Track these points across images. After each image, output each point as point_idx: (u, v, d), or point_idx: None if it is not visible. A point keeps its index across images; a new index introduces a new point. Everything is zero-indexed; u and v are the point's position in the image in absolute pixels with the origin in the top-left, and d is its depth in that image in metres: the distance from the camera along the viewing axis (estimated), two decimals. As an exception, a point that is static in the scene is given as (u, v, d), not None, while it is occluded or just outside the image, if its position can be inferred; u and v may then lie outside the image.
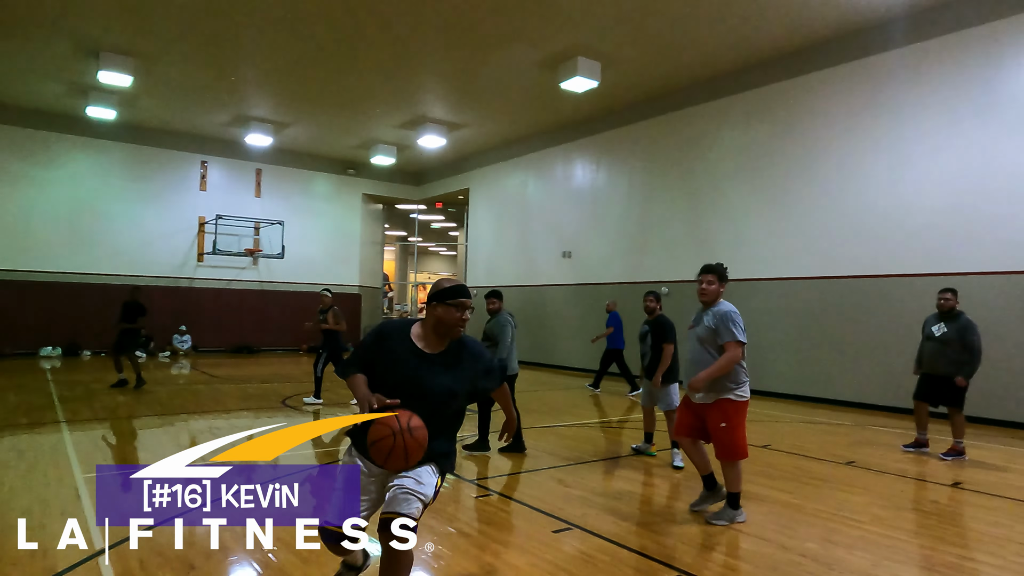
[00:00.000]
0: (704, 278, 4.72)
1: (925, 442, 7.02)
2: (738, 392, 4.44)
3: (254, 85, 14.36)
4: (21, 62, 13.08)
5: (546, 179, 17.22)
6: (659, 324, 6.50)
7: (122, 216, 17.47)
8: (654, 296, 6.79)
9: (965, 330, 6.65)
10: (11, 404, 8.89)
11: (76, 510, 4.37)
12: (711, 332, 4.50)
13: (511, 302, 18.25)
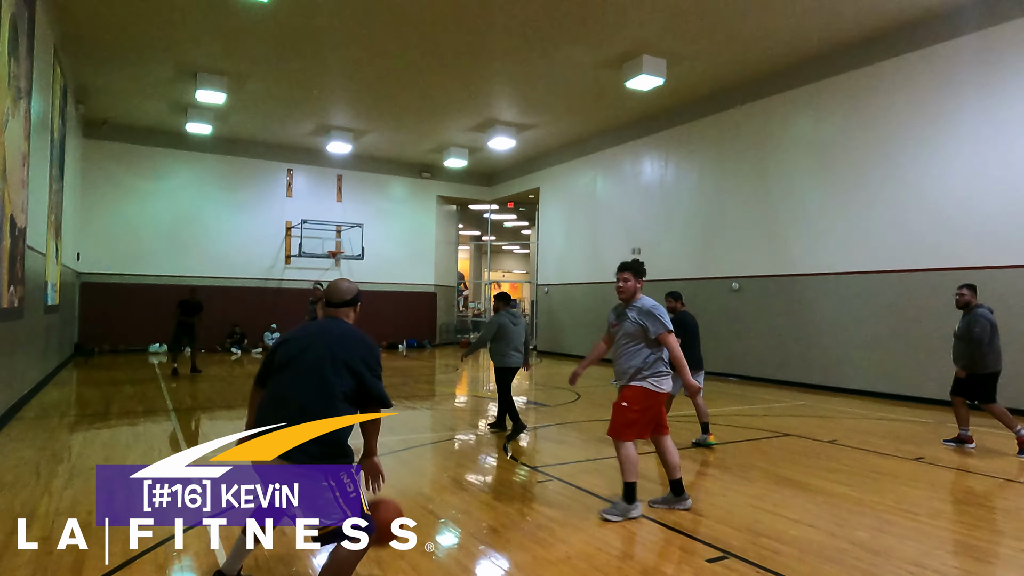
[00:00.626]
0: (620, 276, 4.80)
1: (967, 438, 6.93)
2: (654, 381, 4.55)
3: (334, 97, 15.22)
4: (131, 85, 14.41)
5: (615, 176, 17.33)
6: (681, 320, 6.99)
7: (217, 223, 18.85)
8: (673, 295, 7.36)
9: (971, 323, 6.68)
10: (128, 394, 9.92)
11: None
12: (639, 327, 4.59)
13: (582, 298, 18.54)
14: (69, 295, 15.30)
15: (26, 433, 6.88)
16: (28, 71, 8.56)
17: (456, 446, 6.74)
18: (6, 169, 7.30)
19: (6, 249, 7.46)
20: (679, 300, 7.36)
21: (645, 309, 4.62)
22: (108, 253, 17.54)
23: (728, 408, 9.61)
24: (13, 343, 8.04)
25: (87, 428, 7.27)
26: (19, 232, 8.23)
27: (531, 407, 9.40)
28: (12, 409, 7.94)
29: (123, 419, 7.86)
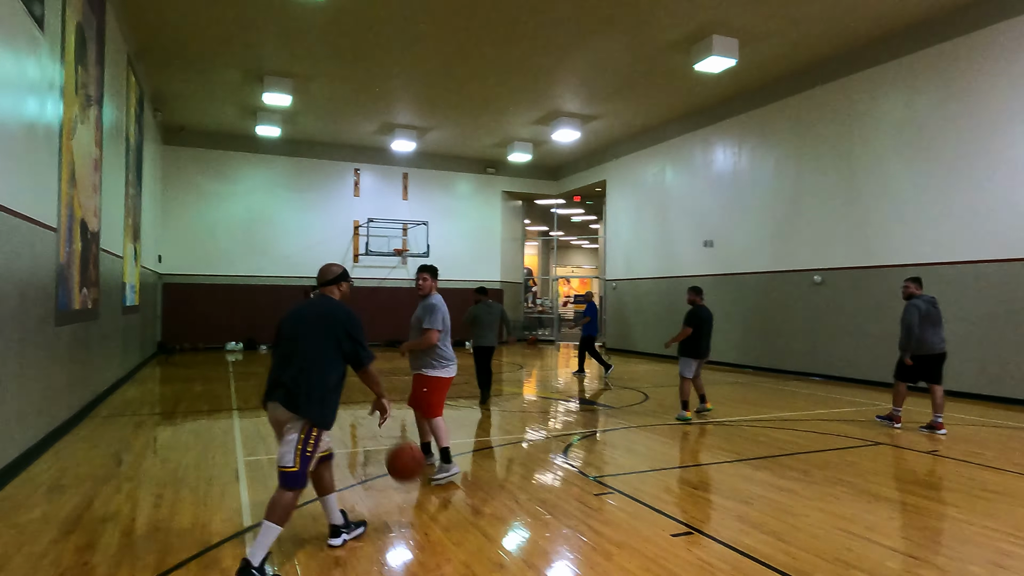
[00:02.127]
0: (421, 276, 5.52)
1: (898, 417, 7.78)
2: (435, 371, 5.32)
3: (397, 95, 15.18)
4: (203, 90, 14.84)
5: (685, 166, 16.56)
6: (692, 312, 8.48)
7: (288, 223, 19.27)
8: (694, 290, 8.74)
9: (903, 312, 7.55)
10: (197, 393, 10.13)
11: (233, 491, 4.87)
12: (418, 319, 5.36)
13: (651, 294, 17.87)
14: (151, 296, 15.96)
15: (95, 432, 7.04)
16: (98, 79, 8.80)
17: (515, 451, 6.41)
18: (75, 174, 7.49)
19: (77, 252, 7.67)
20: (699, 295, 8.71)
21: (427, 304, 5.37)
22: (187, 255, 18.22)
23: (811, 411, 8.88)
24: (88, 343, 8.30)
25: (153, 426, 7.38)
26: (92, 236, 8.48)
27: (594, 409, 8.96)
28: (88, 407, 8.19)
29: (188, 418, 7.96)
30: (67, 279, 7.15)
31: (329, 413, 3.61)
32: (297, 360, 3.56)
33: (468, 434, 7.11)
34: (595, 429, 7.46)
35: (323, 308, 3.75)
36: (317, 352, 3.59)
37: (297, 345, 3.60)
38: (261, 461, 5.78)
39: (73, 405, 7.49)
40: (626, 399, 9.81)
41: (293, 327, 3.69)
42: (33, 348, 5.90)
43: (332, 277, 3.91)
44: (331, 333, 3.65)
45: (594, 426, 7.68)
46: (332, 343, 3.64)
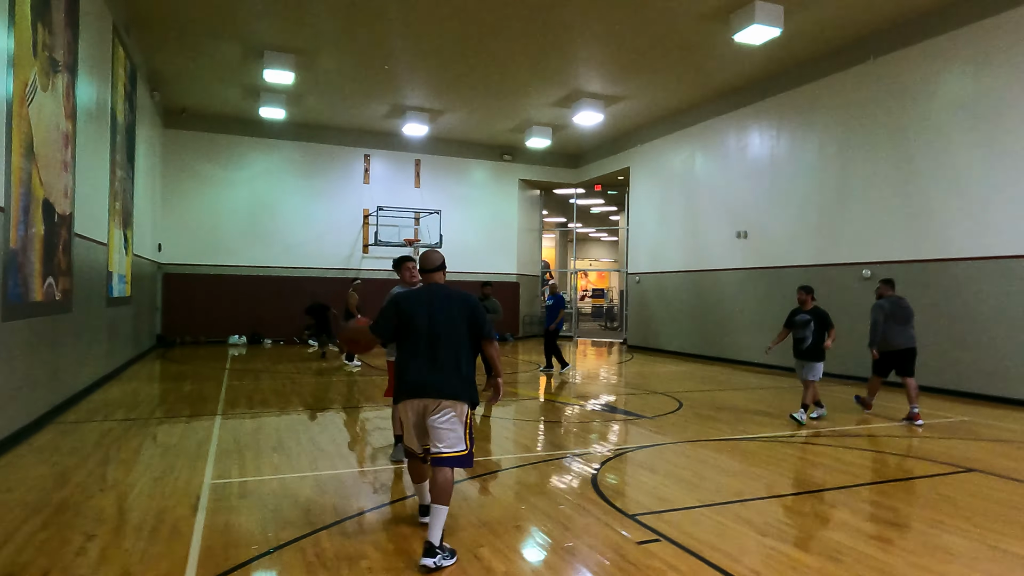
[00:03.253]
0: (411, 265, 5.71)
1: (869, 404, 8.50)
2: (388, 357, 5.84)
3: (408, 73, 14.15)
4: (203, 69, 13.92)
5: (716, 152, 15.39)
6: (821, 314, 7.88)
7: (294, 211, 18.37)
8: (805, 290, 8.06)
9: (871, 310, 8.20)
10: (183, 393, 9.23)
11: (184, 531, 3.91)
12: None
13: (677, 288, 16.74)
14: (148, 287, 15.13)
15: (51, 442, 6.13)
16: (70, 43, 7.87)
17: (530, 473, 5.40)
18: (34, 147, 6.56)
19: (39, 237, 6.75)
20: (810, 294, 8.04)
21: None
22: (188, 244, 17.39)
23: (875, 425, 7.76)
24: (55, 340, 7.40)
25: (118, 436, 6.46)
26: (60, 219, 7.57)
27: (621, 418, 7.92)
28: (55, 410, 7.30)
29: (162, 425, 7.04)
30: (21, 267, 6.23)
31: (476, 393, 3.77)
32: (443, 349, 3.67)
33: (480, 450, 6.11)
34: (627, 445, 6.42)
35: (450, 294, 3.82)
36: (461, 337, 3.72)
37: (439, 334, 3.68)
38: (231, 486, 4.82)
39: (32, 410, 6.59)
40: (657, 406, 8.76)
41: (429, 317, 3.71)
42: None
43: (441, 262, 4.01)
44: (466, 317, 3.75)
45: (626, 441, 6.64)
46: (467, 326, 3.75)
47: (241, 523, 4.04)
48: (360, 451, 6.13)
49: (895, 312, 8.01)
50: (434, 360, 3.64)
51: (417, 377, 3.64)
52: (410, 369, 3.68)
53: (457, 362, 3.67)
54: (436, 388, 3.60)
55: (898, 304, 8.05)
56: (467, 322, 3.74)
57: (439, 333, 3.67)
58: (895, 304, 8.04)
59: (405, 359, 3.72)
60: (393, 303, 3.80)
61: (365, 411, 8.19)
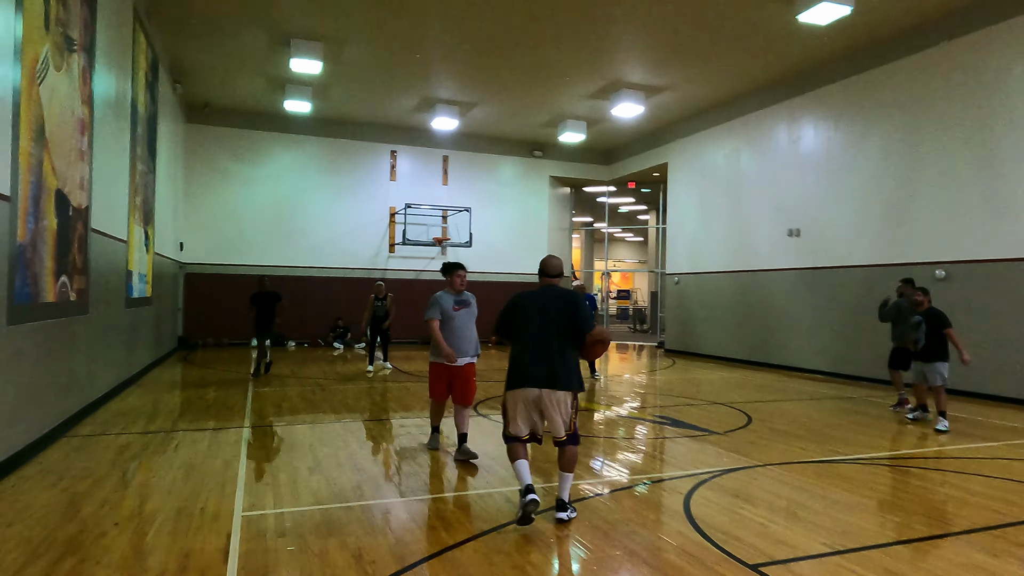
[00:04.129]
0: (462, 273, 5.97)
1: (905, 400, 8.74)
2: (431, 359, 5.97)
3: (440, 63, 13.45)
4: (227, 59, 13.34)
5: (764, 145, 14.51)
6: (936, 314, 7.76)
7: (319, 209, 17.76)
8: (922, 291, 8.03)
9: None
10: (207, 402, 8.57)
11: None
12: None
13: (720, 289, 15.88)
14: (170, 287, 14.57)
15: (62, 461, 5.47)
16: (87, 22, 7.24)
17: (614, 508, 4.63)
18: (46, 131, 5.92)
19: (51, 231, 6.11)
20: (927, 295, 7.98)
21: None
22: (211, 243, 16.85)
23: (970, 443, 6.88)
24: (70, 344, 6.76)
25: (137, 453, 5.79)
26: (76, 212, 6.94)
27: (688, 434, 7.11)
28: (69, 422, 6.66)
29: (186, 440, 6.36)
30: (31, 264, 5.58)
31: (582, 379, 4.30)
32: (554, 345, 4.16)
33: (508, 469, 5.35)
34: (710, 469, 5.63)
35: (562, 294, 4.32)
36: (568, 335, 4.21)
37: (552, 331, 4.17)
38: (266, 521, 4.10)
39: (43, 423, 5.95)
40: (723, 419, 7.94)
41: (544, 316, 4.21)
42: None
43: (561, 270, 4.49)
44: (575, 316, 4.22)
45: (706, 463, 5.84)
46: (574, 325, 4.21)
47: (282, 574, 3.32)
48: (409, 473, 5.40)
49: (896, 311, 8.50)
50: (549, 354, 4.14)
51: (535, 370, 4.14)
52: (527, 362, 4.18)
53: (567, 355, 4.19)
54: (553, 380, 4.11)
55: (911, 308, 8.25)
56: (573, 319, 4.21)
57: (553, 330, 4.19)
58: (909, 306, 8.31)
59: (522, 353, 4.23)
60: (513, 305, 4.37)
61: (403, 421, 7.47)
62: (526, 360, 4.18)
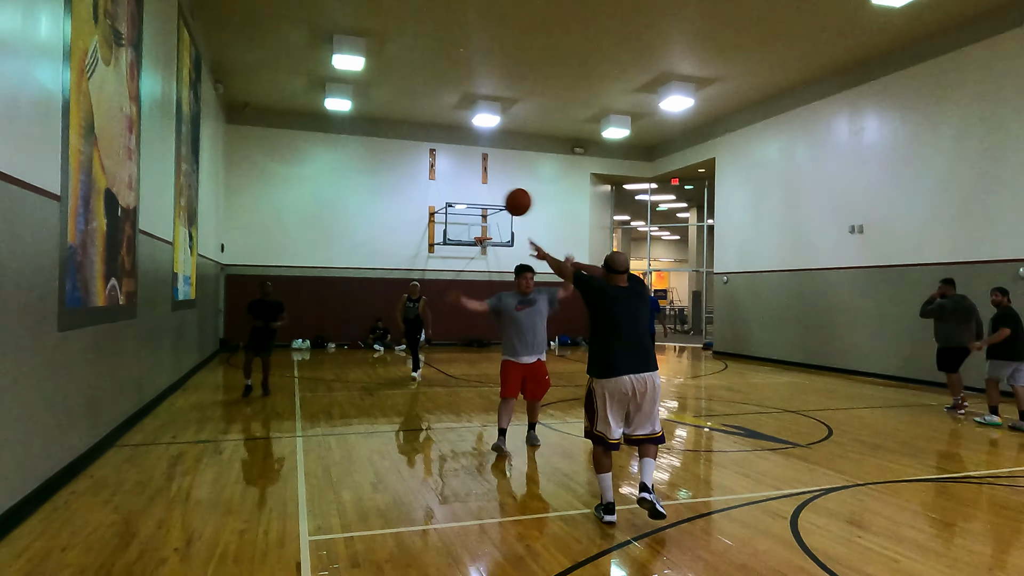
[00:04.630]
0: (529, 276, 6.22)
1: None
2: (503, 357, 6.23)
3: (481, 58, 13.08)
4: (267, 59, 13.17)
5: (822, 137, 13.82)
6: (1008, 314, 7.76)
7: (358, 209, 17.55)
8: (1001, 291, 8.01)
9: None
10: (255, 407, 8.31)
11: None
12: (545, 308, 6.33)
13: (773, 289, 15.23)
14: (212, 289, 14.45)
15: (113, 474, 5.20)
16: (134, 17, 7.01)
17: (714, 537, 4.17)
18: (95, 127, 5.67)
19: (100, 233, 5.86)
20: (1006, 296, 7.98)
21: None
22: (251, 244, 16.74)
23: None
24: (120, 349, 6.53)
25: (190, 466, 5.50)
26: (124, 213, 6.70)
27: (769, 446, 6.59)
28: (120, 429, 6.42)
29: (240, 449, 6.06)
30: (81, 267, 5.33)
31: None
32: (639, 332, 4.29)
33: (568, 489, 4.90)
34: (808, 488, 5.12)
35: (641, 289, 4.46)
36: (648, 323, 4.50)
37: (638, 320, 4.30)
38: (335, 546, 3.74)
39: (94, 431, 5.70)
40: (802, 430, 7.40)
41: (629, 305, 4.30)
42: (19, 364, 4.06)
43: (629, 265, 4.48)
44: (650, 307, 4.86)
45: (799, 482, 5.33)
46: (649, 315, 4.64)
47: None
48: (480, 492, 5.00)
49: (957, 311, 8.41)
50: (636, 344, 4.23)
51: (625, 359, 4.15)
52: (617, 352, 4.19)
53: (650, 345, 4.40)
54: (644, 365, 4.17)
55: (961, 303, 8.43)
56: (649, 312, 4.57)
57: (636, 322, 4.30)
58: (957, 303, 8.43)
59: (610, 344, 4.22)
60: (601, 286, 4.37)
61: (461, 428, 7.09)
62: (619, 349, 4.19)
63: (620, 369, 4.11)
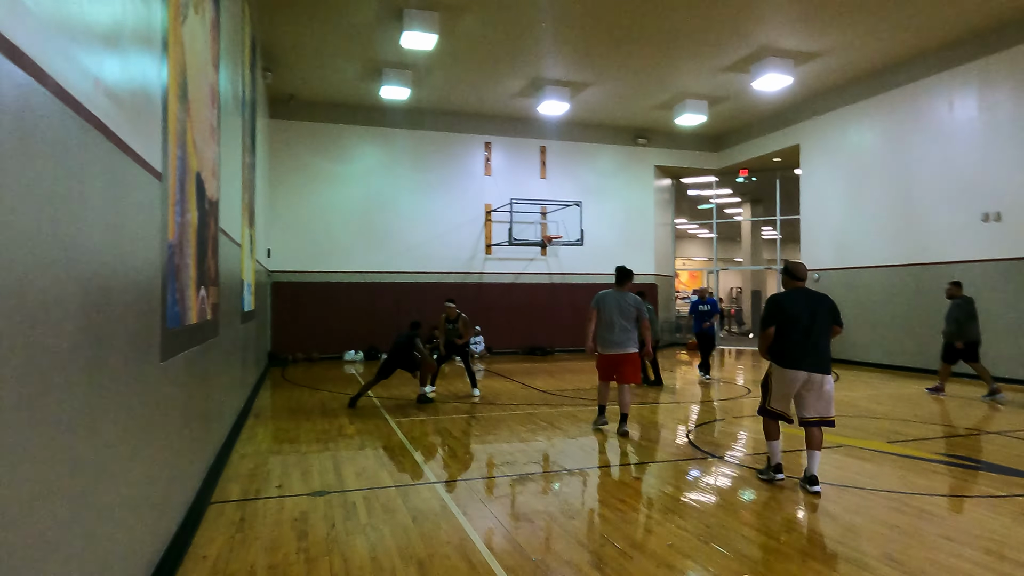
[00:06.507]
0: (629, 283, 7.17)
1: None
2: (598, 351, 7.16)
3: (557, 34, 11.75)
4: (324, 41, 11.95)
5: (941, 116, 12.38)
6: None
7: (410, 209, 16.25)
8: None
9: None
10: (357, 441, 6.93)
11: None
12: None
13: (879, 287, 13.80)
14: (262, 298, 13.17)
15: (226, 550, 3.85)
16: (214, -36, 5.69)
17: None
18: (189, 89, 4.35)
19: (193, 228, 4.54)
20: None
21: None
22: (298, 248, 15.46)
23: None
24: (204, 377, 5.19)
25: (323, 535, 4.14)
26: (210, 206, 5.38)
27: (1017, 484, 5.16)
28: (210, 479, 5.08)
29: (372, 502, 4.70)
30: (179, 272, 4.00)
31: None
32: (815, 335, 4.91)
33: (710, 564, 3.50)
34: None
35: (818, 295, 5.09)
36: (827, 327, 5.00)
37: (815, 324, 4.91)
38: None
39: (190, 483, 4.37)
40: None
41: (810, 311, 4.95)
42: (129, 414, 2.72)
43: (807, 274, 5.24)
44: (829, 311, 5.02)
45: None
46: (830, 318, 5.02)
47: None
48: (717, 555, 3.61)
49: (971, 309, 9.44)
50: (815, 345, 4.91)
51: (805, 359, 4.88)
52: (797, 352, 4.91)
53: (827, 346, 4.98)
54: (819, 365, 4.91)
55: (971, 303, 9.51)
56: (830, 315, 5.01)
57: (815, 324, 4.92)
58: (970, 303, 9.50)
59: (791, 343, 4.93)
60: (777, 304, 5.09)
61: (662, 468, 5.71)
62: (799, 350, 4.90)
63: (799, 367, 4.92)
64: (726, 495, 4.99)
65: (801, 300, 5.01)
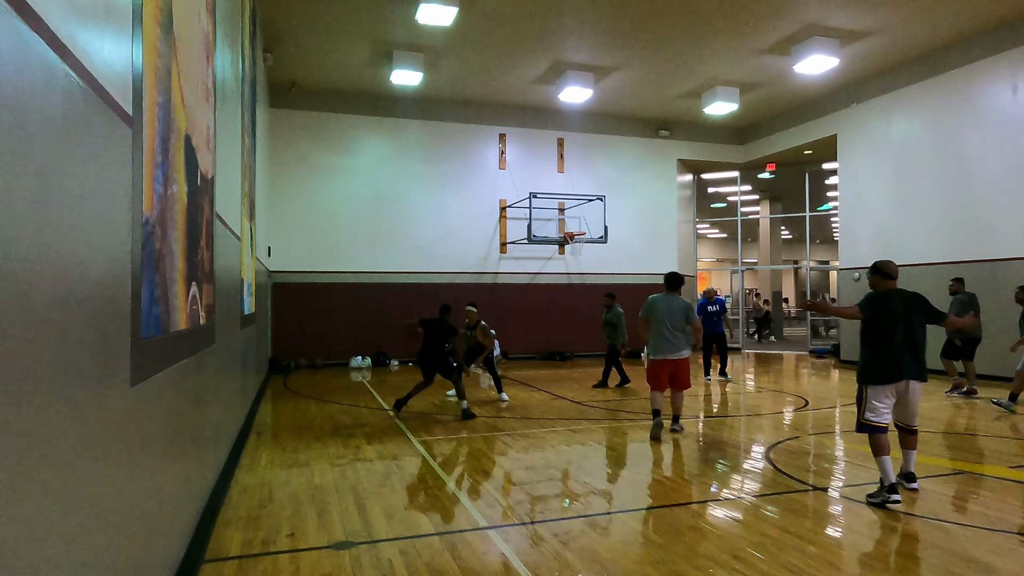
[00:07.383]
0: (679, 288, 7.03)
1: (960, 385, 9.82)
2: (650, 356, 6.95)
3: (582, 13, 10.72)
4: (333, 20, 10.86)
5: (1003, 101, 11.38)
6: None
7: (421, 205, 15.20)
8: None
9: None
10: (378, 465, 5.87)
11: None
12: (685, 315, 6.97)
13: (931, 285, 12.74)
14: (263, 300, 12.10)
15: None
16: None
17: None
18: (174, 26, 3.29)
19: (182, 205, 3.48)
20: None
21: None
22: (300, 247, 14.40)
23: None
24: (197, 397, 4.13)
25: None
26: (203, 183, 4.32)
27: None
28: (203, 527, 4.02)
29: (415, 555, 3.64)
30: (160, 260, 2.94)
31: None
32: (912, 341, 4.60)
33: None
34: None
35: (910, 296, 4.75)
36: (922, 330, 4.67)
37: (912, 329, 4.61)
38: None
39: (179, 536, 3.31)
40: None
41: (906, 314, 4.63)
42: (69, 449, 1.66)
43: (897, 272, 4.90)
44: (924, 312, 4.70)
45: None
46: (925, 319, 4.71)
47: None
48: None
49: (974, 306, 9.21)
50: (912, 349, 4.60)
51: (902, 363, 4.57)
52: (893, 357, 4.58)
53: (922, 350, 4.66)
54: (916, 371, 4.63)
55: (974, 299, 9.40)
56: (926, 316, 4.70)
57: (911, 327, 4.61)
58: (973, 299, 9.39)
59: (886, 348, 4.60)
60: (873, 301, 4.73)
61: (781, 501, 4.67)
62: (895, 355, 4.57)
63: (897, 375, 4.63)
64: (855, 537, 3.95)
65: (898, 303, 4.67)
